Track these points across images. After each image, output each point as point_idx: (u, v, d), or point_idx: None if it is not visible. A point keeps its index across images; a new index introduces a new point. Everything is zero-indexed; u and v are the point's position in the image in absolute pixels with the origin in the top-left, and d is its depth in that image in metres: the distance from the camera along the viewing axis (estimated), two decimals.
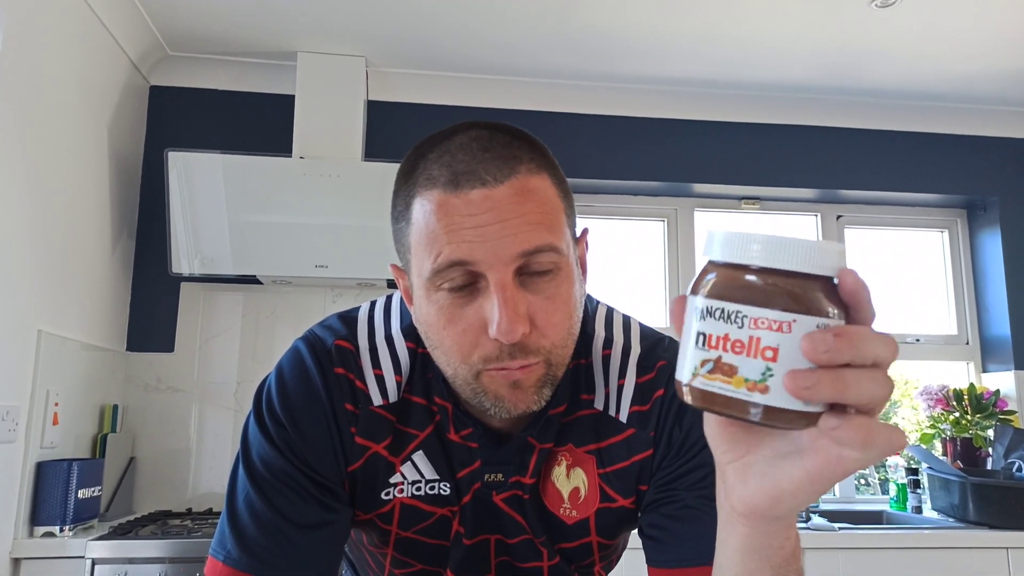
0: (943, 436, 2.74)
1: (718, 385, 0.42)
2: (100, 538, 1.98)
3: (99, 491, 2.16)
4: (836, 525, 2.28)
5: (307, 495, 0.72)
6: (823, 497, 2.82)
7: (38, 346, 1.99)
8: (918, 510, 2.62)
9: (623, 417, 0.76)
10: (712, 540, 0.70)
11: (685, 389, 0.44)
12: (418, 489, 0.77)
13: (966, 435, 2.65)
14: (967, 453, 2.64)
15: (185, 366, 2.58)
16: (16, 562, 1.94)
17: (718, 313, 0.42)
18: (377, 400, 0.75)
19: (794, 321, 0.40)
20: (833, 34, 2.49)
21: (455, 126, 0.69)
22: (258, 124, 2.70)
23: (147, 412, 2.53)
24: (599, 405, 0.77)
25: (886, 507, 2.75)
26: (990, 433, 2.66)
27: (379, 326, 0.78)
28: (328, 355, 0.75)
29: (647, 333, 0.81)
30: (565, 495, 0.77)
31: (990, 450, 2.65)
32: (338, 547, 0.75)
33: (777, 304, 0.41)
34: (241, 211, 2.40)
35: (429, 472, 0.76)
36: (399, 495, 0.76)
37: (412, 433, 0.76)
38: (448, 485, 0.76)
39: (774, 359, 0.41)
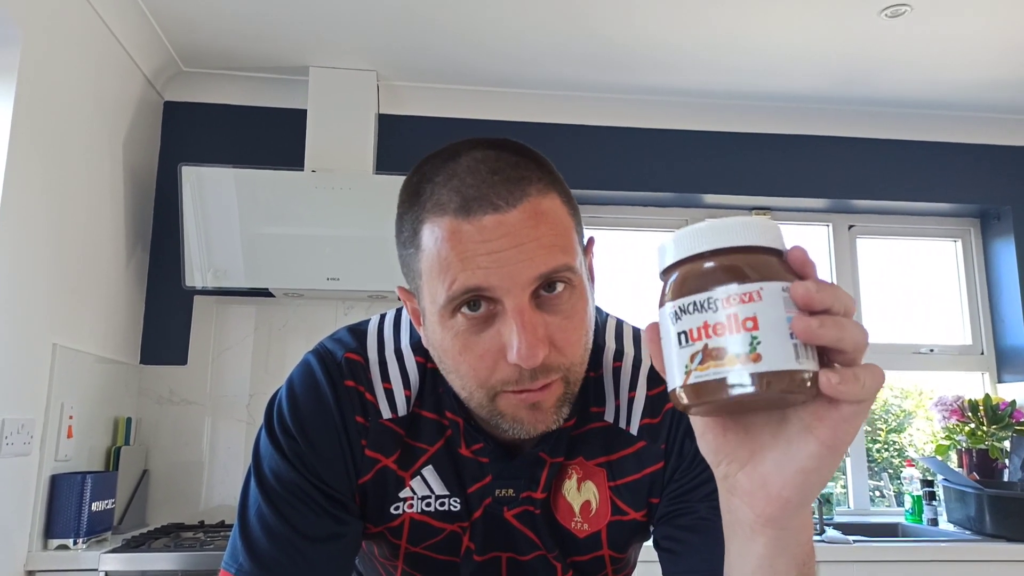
0: (959, 447, 2.72)
1: (712, 371, 0.43)
2: (113, 551, 1.98)
3: (112, 504, 2.17)
4: (851, 538, 2.26)
5: (318, 508, 0.72)
6: (838, 509, 2.79)
7: (53, 359, 2.01)
8: (934, 523, 2.59)
9: (634, 430, 0.76)
10: (705, 554, 0.70)
11: (680, 392, 0.44)
12: (428, 504, 0.76)
13: (982, 446, 2.62)
14: (983, 465, 2.62)
15: (198, 379, 2.59)
16: (30, 575, 1.94)
17: (690, 307, 0.44)
18: (386, 413, 0.75)
19: (762, 288, 0.43)
20: (843, 44, 2.49)
21: (457, 145, 0.68)
22: (270, 138, 2.73)
23: (160, 425, 2.54)
24: (609, 418, 0.77)
25: (901, 519, 2.72)
26: (1006, 444, 2.63)
27: (388, 339, 0.79)
28: (338, 368, 0.75)
29: None
30: (576, 509, 0.77)
31: (1007, 461, 2.63)
32: (349, 559, 0.75)
33: (741, 277, 0.43)
34: (253, 224, 2.41)
35: (439, 487, 0.76)
36: (408, 510, 0.76)
37: (421, 448, 0.76)
38: (458, 501, 0.76)
39: (755, 327, 0.42)
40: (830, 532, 2.36)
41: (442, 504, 0.76)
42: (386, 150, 2.73)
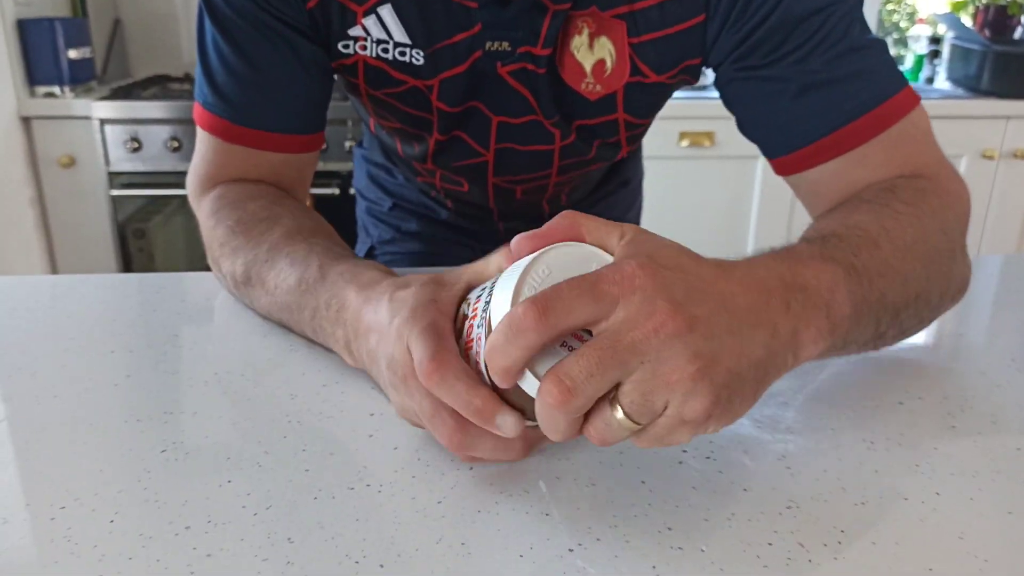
0: (977, 4, 2.57)
1: None
2: (103, 99, 1.97)
3: (90, 53, 2.10)
4: None
5: (273, 35, 0.64)
6: None
7: None
8: (930, 81, 2.58)
9: None
10: (799, 118, 0.61)
11: None
12: (384, 51, 0.66)
13: (1001, 2, 2.48)
14: (998, 21, 2.50)
15: None
16: (25, 121, 1.96)
17: None
18: None
19: None
20: None
21: None
22: None
23: None
24: None
25: None
26: None
27: None
28: None
29: None
30: (588, 68, 0.67)
31: (1023, 19, 2.51)
32: (316, 100, 0.69)
33: None
34: None
35: (399, 34, 0.65)
36: (361, 52, 0.67)
37: None
38: (420, 54, 0.65)
39: None
40: None
41: (402, 54, 0.66)
42: None
